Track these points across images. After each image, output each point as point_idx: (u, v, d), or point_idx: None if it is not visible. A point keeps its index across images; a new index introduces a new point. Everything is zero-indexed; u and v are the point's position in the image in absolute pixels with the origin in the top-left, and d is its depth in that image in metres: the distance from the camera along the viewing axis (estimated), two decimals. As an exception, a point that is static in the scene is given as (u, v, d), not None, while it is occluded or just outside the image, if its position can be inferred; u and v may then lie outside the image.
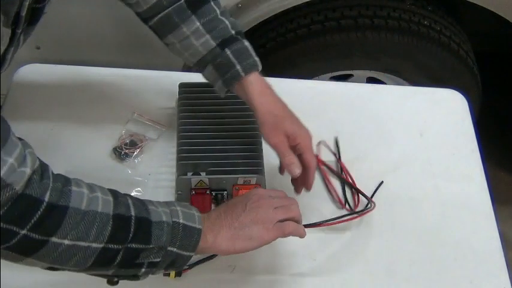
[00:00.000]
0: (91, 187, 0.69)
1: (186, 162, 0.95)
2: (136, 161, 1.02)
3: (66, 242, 0.65)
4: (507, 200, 1.84)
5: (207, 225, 0.75)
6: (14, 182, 0.60)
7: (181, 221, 0.72)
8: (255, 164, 0.96)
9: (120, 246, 0.68)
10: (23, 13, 0.64)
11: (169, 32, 0.88)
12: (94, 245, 0.66)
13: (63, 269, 0.69)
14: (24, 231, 0.61)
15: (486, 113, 1.67)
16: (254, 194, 0.80)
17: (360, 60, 1.50)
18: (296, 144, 0.86)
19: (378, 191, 1.01)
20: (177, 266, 0.74)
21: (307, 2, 1.37)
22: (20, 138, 0.65)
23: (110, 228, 0.67)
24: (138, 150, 1.03)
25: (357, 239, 0.96)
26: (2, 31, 0.61)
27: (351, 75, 1.55)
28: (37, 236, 0.62)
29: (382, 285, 0.92)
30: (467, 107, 1.17)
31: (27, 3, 0.64)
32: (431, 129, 1.12)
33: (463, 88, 1.23)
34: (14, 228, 0.61)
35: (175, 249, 0.72)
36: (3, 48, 0.64)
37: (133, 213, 0.69)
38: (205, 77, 0.92)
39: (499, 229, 0.99)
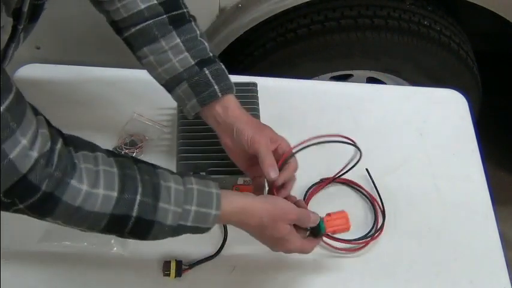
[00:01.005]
0: (96, 178, 0.67)
1: (186, 162, 0.95)
2: (136, 161, 1.02)
3: (60, 222, 0.68)
4: (507, 200, 1.84)
5: (227, 222, 0.78)
6: (21, 166, 0.61)
7: (188, 224, 0.72)
8: (255, 164, 0.96)
9: (115, 234, 0.72)
10: (25, 8, 0.64)
11: (146, 44, 0.86)
12: (88, 230, 0.70)
13: None
14: (22, 206, 0.65)
15: (486, 113, 1.67)
16: (284, 243, 0.80)
17: (360, 60, 1.50)
18: (277, 146, 0.86)
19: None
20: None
21: (307, 2, 1.37)
22: (36, 113, 0.65)
23: (104, 224, 0.69)
24: (138, 150, 1.03)
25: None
26: (3, 20, 0.61)
27: (351, 75, 1.55)
28: (32, 214, 0.66)
29: (382, 285, 0.92)
30: (467, 107, 1.17)
31: None
32: (431, 129, 1.12)
33: (463, 88, 1.23)
34: (16, 201, 0.64)
35: (176, 235, 0.74)
36: (6, 37, 0.64)
37: (134, 214, 0.69)
38: (175, 95, 0.89)
39: (499, 229, 0.99)
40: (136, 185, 0.69)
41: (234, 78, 0.97)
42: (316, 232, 0.83)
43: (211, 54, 0.87)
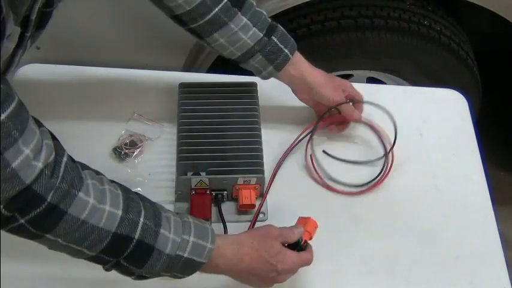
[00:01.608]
0: (103, 195, 0.67)
1: (186, 162, 0.95)
2: (136, 161, 1.02)
3: (60, 241, 0.66)
4: (507, 200, 1.84)
5: (220, 260, 0.75)
6: (25, 176, 0.60)
7: (186, 255, 0.72)
8: (255, 164, 0.96)
9: (111, 259, 0.69)
10: (33, 16, 0.64)
11: (216, 30, 0.90)
12: (86, 251, 0.68)
13: None
14: (22, 221, 0.63)
15: (486, 113, 1.67)
16: (286, 272, 0.79)
17: (360, 60, 1.50)
18: (347, 95, 1.03)
19: (378, 192, 1.01)
20: (171, 277, 0.75)
21: (307, 2, 1.37)
22: (39, 125, 0.65)
23: (105, 243, 0.67)
24: (138, 150, 1.03)
25: (357, 238, 0.96)
26: (10, 29, 0.61)
27: (351, 75, 1.55)
28: (32, 229, 0.64)
29: (382, 285, 0.92)
30: (467, 107, 1.17)
31: (38, 6, 0.64)
32: (431, 129, 1.12)
33: (463, 88, 1.23)
34: (16, 215, 0.62)
35: (167, 274, 0.73)
36: (12, 46, 0.64)
37: (137, 236, 0.68)
38: (250, 66, 0.97)
39: (499, 229, 0.99)
40: (140, 208, 0.70)
41: (234, 78, 0.98)
42: (295, 245, 0.81)
43: (270, 20, 0.95)
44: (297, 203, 0.98)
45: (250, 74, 0.99)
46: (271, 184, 1.00)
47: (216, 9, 0.88)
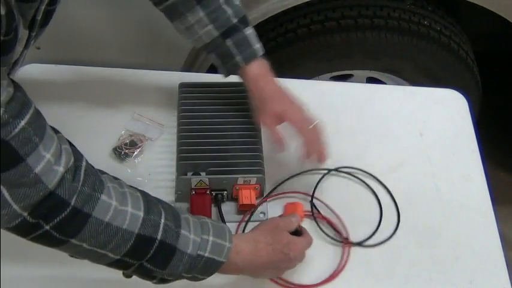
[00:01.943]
0: (124, 197, 0.68)
1: (186, 162, 0.95)
2: (136, 161, 1.02)
3: (85, 245, 0.66)
4: (507, 200, 1.84)
5: (238, 258, 0.76)
6: (48, 180, 0.60)
7: (206, 254, 0.72)
8: (255, 164, 0.96)
9: (135, 262, 0.69)
10: (39, 17, 0.64)
11: (176, 19, 0.90)
12: (111, 254, 0.68)
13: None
14: (47, 227, 0.63)
15: (486, 113, 1.67)
16: (297, 257, 0.83)
17: (360, 60, 1.50)
18: (287, 121, 0.91)
19: (377, 192, 1.01)
20: (191, 280, 0.76)
21: (307, 2, 1.37)
22: (56, 131, 0.65)
23: (129, 245, 0.67)
24: (138, 150, 1.03)
25: (356, 238, 0.96)
26: (22, 33, 0.61)
27: (351, 75, 1.55)
28: (58, 235, 0.64)
29: (382, 285, 0.92)
30: (467, 107, 1.17)
31: (43, 7, 0.64)
32: (431, 129, 1.12)
33: (463, 88, 1.23)
34: (41, 222, 0.62)
35: (189, 275, 0.73)
36: (21, 49, 0.65)
37: (159, 237, 0.69)
38: (211, 60, 0.95)
39: (499, 229, 0.99)
40: (160, 210, 0.71)
41: (234, 78, 0.98)
42: (294, 232, 0.85)
43: (235, 21, 0.90)
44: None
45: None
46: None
47: None
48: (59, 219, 0.62)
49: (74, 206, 0.62)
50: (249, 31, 0.91)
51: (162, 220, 0.70)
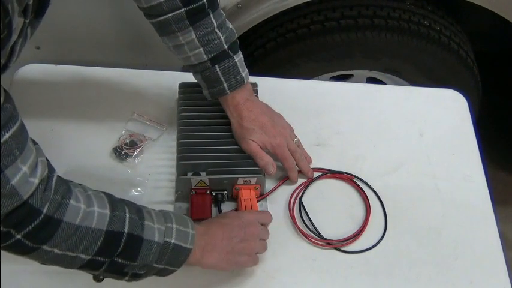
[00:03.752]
0: (89, 199, 0.71)
1: (186, 162, 0.95)
2: (136, 161, 1.02)
3: (56, 250, 0.68)
4: (507, 200, 1.84)
5: (200, 243, 0.79)
6: (23, 192, 0.62)
7: (173, 240, 0.75)
8: (255, 164, 0.96)
9: (106, 259, 0.71)
10: (30, 1, 0.64)
11: (166, 35, 0.90)
12: (82, 255, 0.70)
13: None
14: (19, 236, 0.64)
15: (486, 113, 1.67)
16: (250, 223, 0.85)
17: (360, 60, 1.50)
18: (267, 149, 0.96)
19: (377, 192, 1.01)
20: (162, 275, 0.78)
21: (307, 2, 1.37)
22: (34, 143, 0.67)
23: (99, 243, 0.70)
24: (138, 150, 1.03)
25: (356, 238, 0.96)
26: (17, 21, 0.61)
27: (351, 75, 1.55)
28: (29, 243, 0.66)
29: (382, 285, 0.92)
30: (467, 107, 1.17)
31: None
32: (431, 129, 1.12)
33: (463, 88, 1.23)
34: (12, 231, 0.64)
35: (160, 266, 0.76)
36: (15, 37, 0.65)
37: (126, 230, 0.71)
38: (195, 78, 0.97)
39: (499, 229, 0.99)
40: (123, 206, 0.74)
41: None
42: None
43: (226, 47, 0.90)
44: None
45: (251, 74, 0.99)
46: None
47: (169, 15, 0.87)
48: (31, 228, 0.64)
49: (46, 213, 0.65)
50: (238, 57, 0.93)
51: (127, 214, 0.73)
